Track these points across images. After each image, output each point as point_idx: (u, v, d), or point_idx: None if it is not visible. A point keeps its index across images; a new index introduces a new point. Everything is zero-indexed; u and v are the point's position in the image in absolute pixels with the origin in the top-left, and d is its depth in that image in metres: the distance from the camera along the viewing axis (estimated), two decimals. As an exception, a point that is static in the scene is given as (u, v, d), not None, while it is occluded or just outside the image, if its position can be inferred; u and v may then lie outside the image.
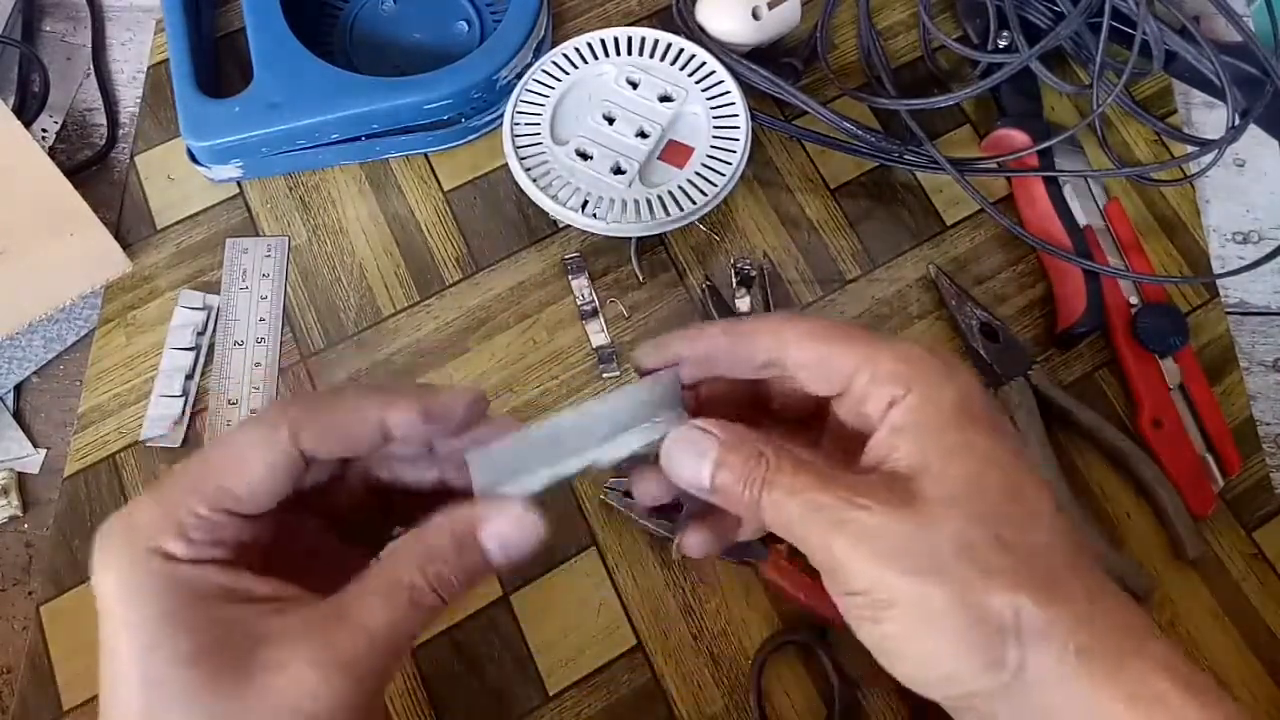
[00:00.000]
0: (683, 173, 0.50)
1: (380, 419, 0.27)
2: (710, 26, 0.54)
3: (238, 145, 0.51)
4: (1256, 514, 0.48)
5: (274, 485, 0.26)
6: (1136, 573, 0.45)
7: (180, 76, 0.52)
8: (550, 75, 0.52)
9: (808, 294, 0.52)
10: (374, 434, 0.27)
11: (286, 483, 0.27)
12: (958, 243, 0.53)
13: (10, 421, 0.49)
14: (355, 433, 0.27)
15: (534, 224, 0.53)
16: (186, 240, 0.53)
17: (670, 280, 0.52)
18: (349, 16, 0.58)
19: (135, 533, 0.25)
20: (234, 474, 0.26)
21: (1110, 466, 0.48)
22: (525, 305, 0.51)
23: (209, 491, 0.26)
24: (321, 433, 0.27)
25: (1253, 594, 0.46)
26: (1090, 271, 0.50)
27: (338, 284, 0.52)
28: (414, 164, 0.55)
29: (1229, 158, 0.56)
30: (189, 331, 0.50)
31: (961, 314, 0.50)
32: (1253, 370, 0.51)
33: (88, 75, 0.58)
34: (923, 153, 0.53)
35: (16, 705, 0.44)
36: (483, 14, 0.58)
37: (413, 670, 0.44)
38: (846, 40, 0.58)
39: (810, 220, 0.53)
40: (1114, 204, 0.53)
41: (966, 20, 0.56)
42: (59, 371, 0.51)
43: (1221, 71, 0.50)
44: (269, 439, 0.26)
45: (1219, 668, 0.45)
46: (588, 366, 0.50)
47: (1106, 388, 0.50)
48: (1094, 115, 0.52)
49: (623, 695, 0.44)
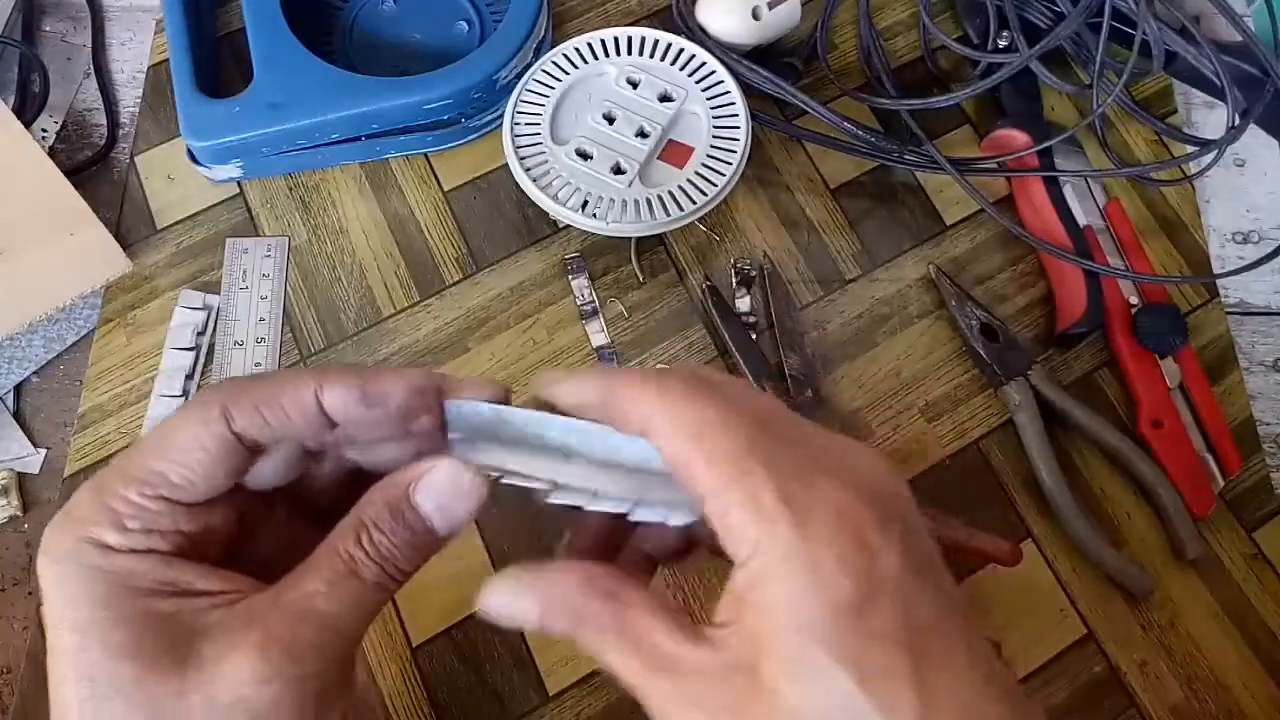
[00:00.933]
0: (683, 173, 0.50)
1: (313, 399, 0.26)
2: (710, 26, 0.54)
3: (238, 145, 0.51)
4: (1256, 514, 0.48)
5: (209, 470, 0.25)
6: (1137, 573, 0.46)
7: (180, 76, 0.52)
8: (550, 75, 0.52)
9: (808, 294, 0.52)
10: (309, 414, 0.26)
11: (223, 468, 0.25)
12: (958, 243, 0.53)
13: (10, 421, 0.49)
14: (289, 412, 0.26)
15: (534, 224, 0.53)
16: (186, 240, 0.53)
17: (670, 280, 0.52)
18: (349, 16, 0.58)
19: (72, 524, 0.25)
20: (167, 459, 0.25)
21: (1110, 466, 0.48)
22: (525, 305, 0.51)
23: (142, 477, 0.25)
24: (253, 412, 0.25)
25: (1253, 594, 0.46)
26: (1090, 271, 0.50)
27: (338, 284, 0.52)
28: (414, 164, 0.55)
29: (1229, 158, 0.56)
30: (189, 331, 0.50)
31: (961, 314, 0.50)
32: (1253, 370, 0.51)
33: (88, 75, 0.58)
34: (923, 153, 0.53)
35: (16, 705, 0.44)
36: (483, 14, 0.58)
37: (413, 670, 0.44)
38: (846, 40, 0.58)
39: (810, 220, 0.53)
40: (1114, 204, 0.53)
41: (966, 20, 0.56)
42: (59, 371, 0.51)
43: (1221, 71, 0.50)
44: (201, 420, 0.25)
45: (1219, 668, 0.45)
46: (588, 366, 0.50)
47: (1106, 388, 0.50)
48: (1094, 115, 0.52)
49: (623, 695, 0.44)
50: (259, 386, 0.26)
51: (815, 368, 0.50)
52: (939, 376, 0.50)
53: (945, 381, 0.50)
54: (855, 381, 0.50)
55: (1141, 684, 0.45)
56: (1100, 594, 0.46)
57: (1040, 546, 0.47)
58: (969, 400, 0.50)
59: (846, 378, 0.50)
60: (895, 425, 0.49)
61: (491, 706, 0.44)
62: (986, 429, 0.49)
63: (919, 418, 0.49)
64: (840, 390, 0.50)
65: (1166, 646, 0.45)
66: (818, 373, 0.50)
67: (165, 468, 0.25)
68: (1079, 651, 0.45)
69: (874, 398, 0.50)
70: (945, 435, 0.49)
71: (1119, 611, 0.46)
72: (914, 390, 0.50)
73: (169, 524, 0.25)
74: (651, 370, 0.29)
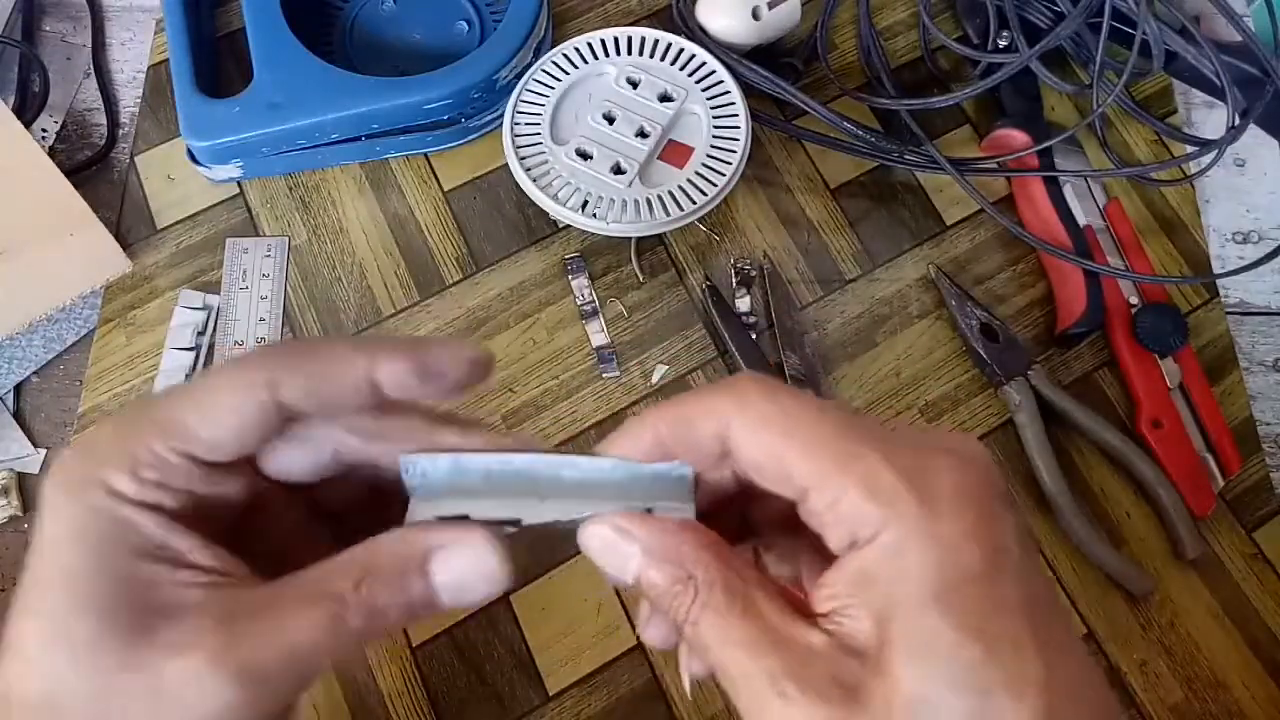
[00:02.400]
0: (683, 173, 0.50)
1: (367, 371, 0.24)
2: (710, 26, 0.54)
3: (238, 145, 0.51)
4: (1256, 514, 0.48)
5: (241, 433, 0.24)
6: (1137, 573, 0.46)
7: (180, 76, 0.52)
8: (550, 75, 0.52)
9: (808, 294, 0.52)
10: (360, 387, 0.24)
11: (256, 434, 0.24)
12: (958, 243, 0.53)
13: (10, 421, 0.49)
14: (340, 385, 0.24)
15: (534, 224, 0.53)
16: (186, 240, 0.53)
17: (670, 280, 0.52)
18: (349, 16, 0.58)
19: (89, 457, 0.23)
20: (200, 413, 0.24)
21: (1110, 466, 0.48)
22: (525, 305, 0.51)
23: (171, 427, 0.23)
24: (304, 382, 0.24)
25: (1253, 594, 0.46)
26: (1090, 271, 0.50)
27: (338, 284, 0.52)
28: (414, 164, 0.55)
29: (1229, 158, 0.56)
30: (189, 331, 0.50)
31: (961, 314, 0.50)
32: (1253, 370, 0.51)
33: (88, 75, 0.58)
34: (923, 153, 0.53)
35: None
36: (483, 14, 0.58)
37: (413, 670, 0.44)
38: (846, 40, 0.58)
39: (810, 220, 0.54)
40: (1114, 204, 0.53)
41: (966, 20, 0.56)
42: (59, 371, 0.51)
43: (1221, 71, 0.50)
44: (245, 382, 0.24)
45: (1219, 668, 0.45)
46: (588, 366, 0.50)
47: (1106, 388, 0.50)
48: (1094, 115, 0.52)
49: (623, 695, 0.44)
50: (311, 356, 0.24)
51: (815, 368, 0.50)
52: (939, 376, 0.50)
53: (945, 381, 0.50)
54: (855, 381, 0.50)
55: (1141, 684, 0.45)
56: (1100, 594, 0.46)
57: (1040, 546, 0.47)
58: (969, 400, 0.50)
59: (846, 378, 0.50)
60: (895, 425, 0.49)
61: (491, 706, 0.44)
62: (986, 429, 0.49)
63: (919, 418, 0.49)
64: (840, 390, 0.50)
65: (1166, 646, 0.45)
66: (818, 373, 0.50)
67: (197, 424, 0.24)
68: (1079, 651, 0.45)
69: (874, 398, 0.50)
70: (945, 435, 0.49)
71: (1119, 611, 0.46)
72: (914, 390, 0.50)
73: (183, 482, 0.24)
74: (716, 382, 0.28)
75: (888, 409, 0.49)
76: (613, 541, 0.24)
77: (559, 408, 0.49)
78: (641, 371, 0.50)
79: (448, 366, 0.25)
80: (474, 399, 0.49)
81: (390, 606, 0.23)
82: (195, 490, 0.24)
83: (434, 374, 0.24)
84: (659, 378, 0.50)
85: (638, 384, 0.50)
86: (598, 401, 0.49)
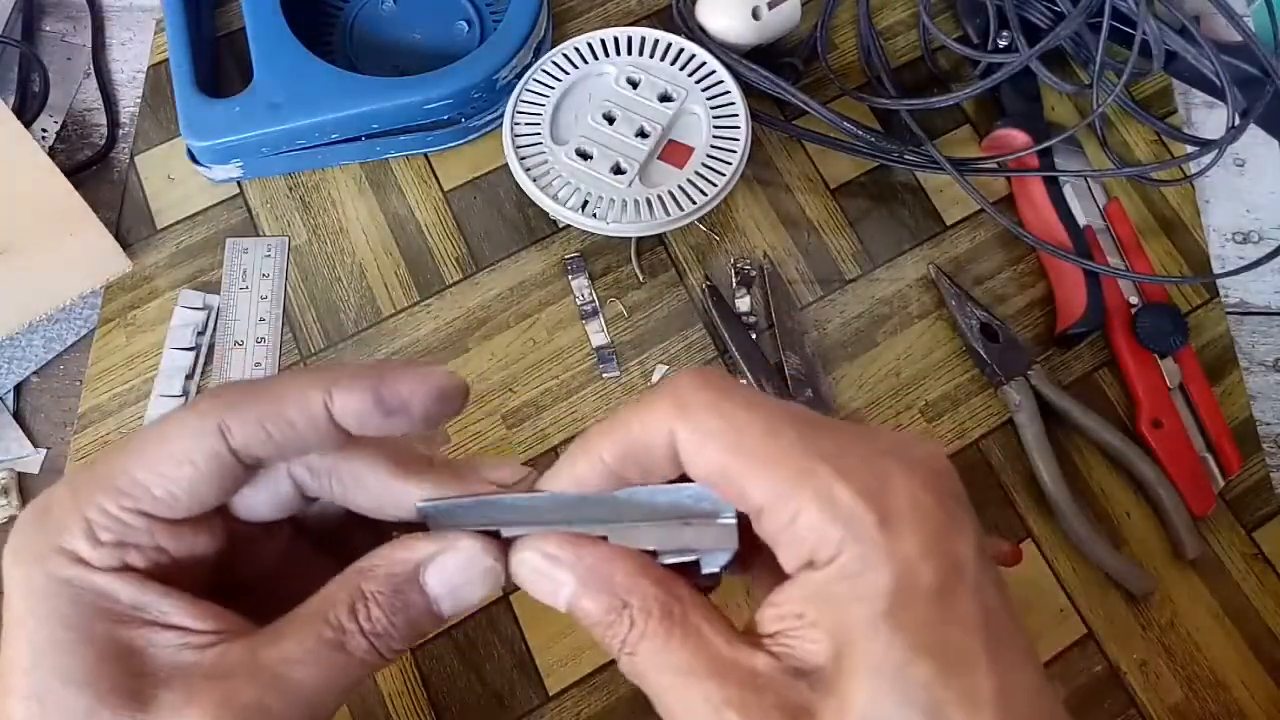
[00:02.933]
0: (683, 173, 0.50)
1: (322, 408, 0.23)
2: (710, 26, 0.54)
3: (238, 145, 0.51)
4: (1256, 514, 0.48)
5: (197, 487, 0.23)
6: (1137, 573, 0.46)
7: (180, 76, 0.52)
8: (550, 75, 0.52)
9: (808, 294, 0.52)
10: (318, 426, 0.23)
11: (213, 486, 0.23)
12: (958, 243, 0.53)
13: (10, 421, 0.49)
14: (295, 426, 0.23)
15: (534, 224, 0.53)
16: (186, 240, 0.53)
17: (670, 280, 0.52)
18: (349, 16, 0.58)
19: (46, 526, 0.22)
20: (151, 469, 0.22)
21: (1110, 466, 0.48)
22: (525, 305, 0.51)
23: (121, 486, 0.22)
24: (255, 426, 0.22)
25: (1253, 594, 0.46)
26: (1090, 271, 0.50)
27: (338, 284, 0.52)
28: (414, 164, 0.55)
29: (1229, 158, 0.56)
30: (189, 331, 0.50)
31: (961, 314, 0.50)
32: (1253, 370, 0.51)
33: (88, 75, 0.58)
34: (923, 153, 0.53)
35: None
36: (483, 14, 0.58)
37: (413, 670, 0.44)
38: (846, 40, 0.58)
39: (810, 220, 0.54)
40: (1114, 204, 0.53)
41: (966, 20, 0.56)
42: (59, 371, 0.51)
43: (1221, 71, 0.50)
44: (195, 431, 0.22)
45: (1219, 668, 0.45)
46: (588, 366, 0.50)
47: (1106, 388, 0.50)
48: (1094, 115, 0.52)
49: (623, 695, 0.44)
50: (262, 396, 0.23)
51: (815, 368, 0.50)
52: (939, 376, 0.50)
53: (945, 381, 0.50)
54: (855, 381, 0.50)
55: (1141, 684, 0.45)
56: (1100, 594, 0.46)
57: (1040, 546, 0.47)
58: (969, 400, 0.50)
59: (846, 378, 0.50)
60: (895, 425, 0.49)
61: (491, 706, 0.44)
62: (986, 429, 0.49)
63: (919, 418, 0.49)
64: (840, 390, 0.50)
65: (1166, 646, 0.45)
66: (818, 373, 0.50)
67: (147, 478, 0.22)
68: (1079, 651, 0.45)
69: (874, 398, 0.50)
70: (945, 435, 0.49)
71: (1119, 611, 0.46)
72: (914, 390, 0.50)
73: (147, 540, 0.23)
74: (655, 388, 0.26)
75: (888, 409, 0.49)
76: (543, 569, 0.23)
77: (559, 408, 0.49)
78: (642, 371, 0.50)
79: (410, 399, 0.23)
80: (474, 399, 0.49)
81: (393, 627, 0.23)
82: (164, 546, 0.23)
83: (395, 408, 0.23)
84: (659, 378, 0.50)
85: (638, 384, 0.50)
86: (598, 401, 0.49)
